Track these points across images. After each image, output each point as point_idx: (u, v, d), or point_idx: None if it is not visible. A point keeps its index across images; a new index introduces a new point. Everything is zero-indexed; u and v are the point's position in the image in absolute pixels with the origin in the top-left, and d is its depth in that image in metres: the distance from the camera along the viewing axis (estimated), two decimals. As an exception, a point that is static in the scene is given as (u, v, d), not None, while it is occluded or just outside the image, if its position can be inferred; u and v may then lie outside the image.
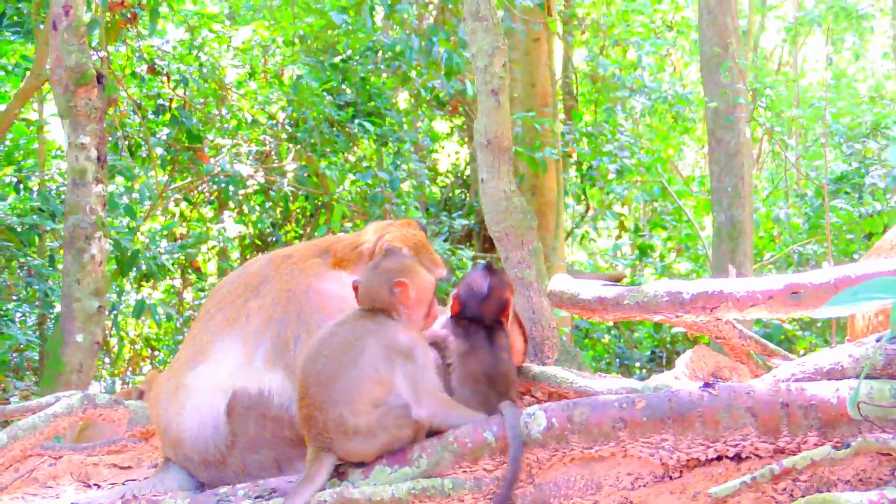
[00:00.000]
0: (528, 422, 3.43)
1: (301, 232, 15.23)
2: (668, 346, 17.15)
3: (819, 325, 15.20)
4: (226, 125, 14.25)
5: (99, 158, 9.33)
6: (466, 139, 17.80)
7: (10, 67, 14.38)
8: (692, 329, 4.74)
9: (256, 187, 14.06)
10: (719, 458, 3.31)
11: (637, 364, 17.31)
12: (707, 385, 3.35)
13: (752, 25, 19.04)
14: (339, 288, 4.20)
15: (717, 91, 10.93)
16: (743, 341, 4.92)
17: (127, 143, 13.28)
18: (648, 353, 17.42)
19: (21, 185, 13.20)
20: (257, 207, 14.84)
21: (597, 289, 4.53)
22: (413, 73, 14.20)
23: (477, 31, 6.03)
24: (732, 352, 5.01)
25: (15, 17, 12.61)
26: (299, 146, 13.71)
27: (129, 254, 11.48)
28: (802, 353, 15.23)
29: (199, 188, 14.58)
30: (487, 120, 5.89)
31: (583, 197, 18.96)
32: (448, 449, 3.49)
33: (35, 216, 11.76)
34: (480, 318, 4.12)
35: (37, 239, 12.75)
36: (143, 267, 12.11)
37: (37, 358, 12.90)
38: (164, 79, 13.33)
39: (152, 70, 13.20)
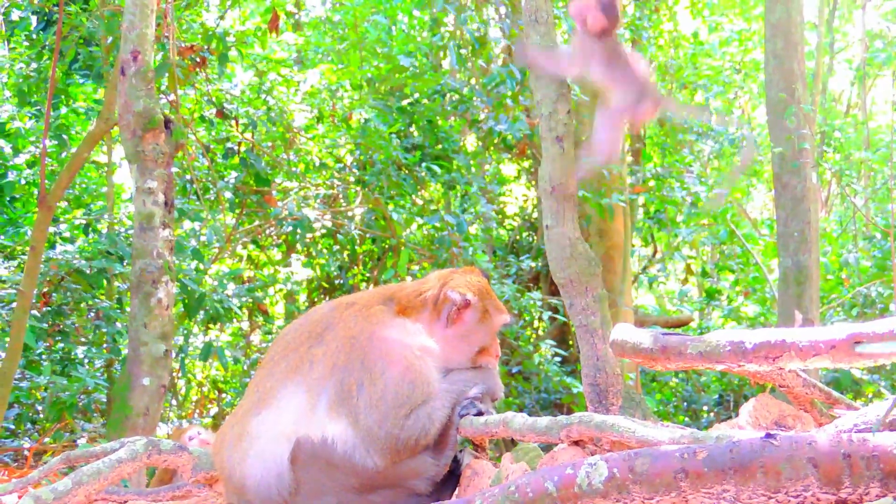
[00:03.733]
0: (590, 472, 3.42)
1: (368, 275, 15.31)
2: (736, 389, 17.02)
3: (888, 368, 15.02)
4: (293, 169, 14.35)
5: (166, 203, 9.41)
6: (534, 182, 17.83)
7: (81, 110, 14.60)
8: (756, 378, 4.72)
9: (324, 231, 14.15)
10: (781, 509, 3.29)
11: (705, 408, 17.19)
12: (769, 435, 3.33)
13: (819, 68, 18.93)
14: (403, 335, 4.23)
15: (783, 136, 10.88)
16: (807, 389, 4.88)
17: (195, 186, 13.41)
18: (716, 396, 17.30)
19: (90, 228, 13.37)
20: (325, 251, 14.93)
21: (659, 338, 4.52)
22: (481, 116, 14.27)
23: (542, 78, 6.04)
24: (796, 400, 4.97)
25: (86, 62, 12.79)
26: (366, 189, 13.78)
27: (196, 297, 11.57)
28: (870, 398, 15.07)
29: (267, 231, 14.69)
30: (552, 167, 5.91)
31: (650, 240, 18.92)
32: (509, 498, 3.49)
33: (104, 259, 11.87)
34: None
35: (105, 282, 12.89)
36: (210, 310, 12.19)
37: (104, 400, 13.00)
38: (233, 122, 13.46)
39: (221, 114, 13.33)
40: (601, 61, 5.13)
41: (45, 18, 12.82)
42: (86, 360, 13.11)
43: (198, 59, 12.21)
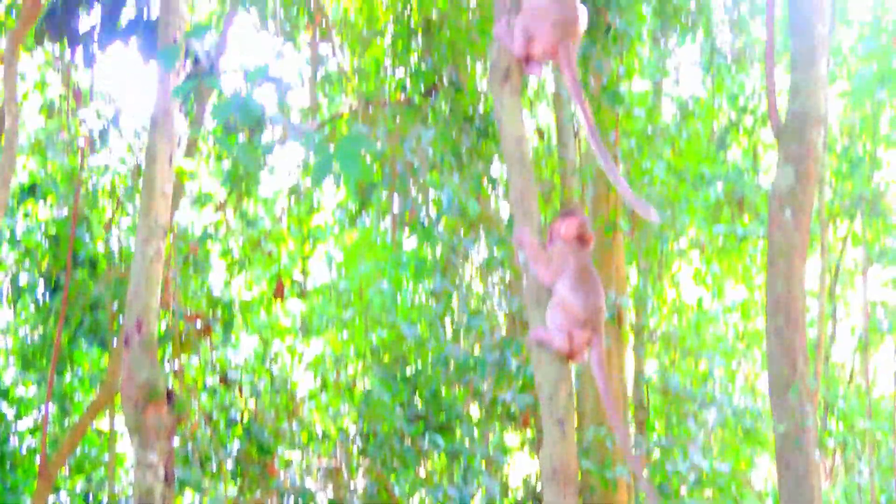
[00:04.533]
0: None
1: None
2: None
3: None
4: (296, 439, 14.28)
5: (166, 478, 9.28)
6: (536, 455, 17.68)
7: (85, 377, 14.63)
8: None
9: (326, 503, 13.97)
10: None
11: None
12: None
13: (822, 336, 19.01)
14: None
15: (786, 412, 10.80)
16: None
17: (197, 455, 13.31)
18: None
19: (91, 497, 13.24)
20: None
21: None
22: (484, 386, 14.25)
23: (543, 360, 6.03)
24: None
25: (91, 327, 12.89)
26: (369, 460, 13.66)
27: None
28: None
29: (268, 503, 14.50)
30: (553, 450, 5.84)
31: (655, 510, 18.64)
32: None
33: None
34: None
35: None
36: None
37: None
38: (237, 391, 13.46)
39: (225, 382, 13.34)
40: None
41: (53, 284, 12.98)
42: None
43: (202, 327, 12.28)
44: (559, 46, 5.36)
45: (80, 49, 8.57)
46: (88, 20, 8.61)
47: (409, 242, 15.59)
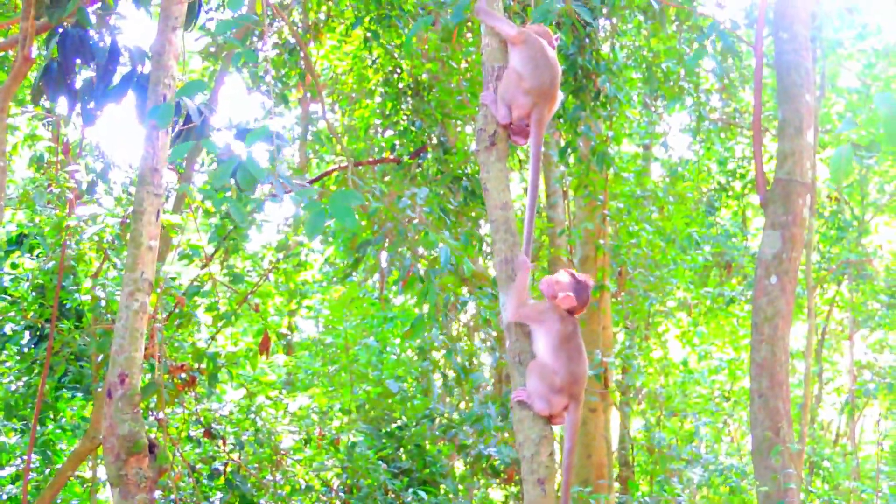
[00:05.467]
0: None
1: None
2: None
3: None
4: (279, 491, 14.22)
5: (148, 529, 9.27)
6: (521, 507, 17.66)
7: (68, 427, 14.58)
8: None
9: (309, 561, 13.92)
10: None
11: None
12: None
13: (808, 397, 19.01)
14: None
15: (769, 474, 10.83)
16: None
17: (180, 506, 13.26)
18: None
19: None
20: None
21: None
22: (469, 441, 14.23)
23: (525, 419, 6.04)
24: None
25: (75, 377, 12.88)
26: (352, 515, 13.62)
27: None
28: None
29: (250, 555, 14.43)
30: (534, 512, 5.86)
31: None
32: None
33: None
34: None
35: None
36: None
37: None
38: (221, 443, 13.41)
39: (209, 434, 13.30)
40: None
41: (38, 333, 12.98)
42: None
43: (187, 379, 12.25)
44: (532, 111, 5.48)
45: (78, 106, 8.61)
46: (82, 76, 8.66)
47: (397, 299, 15.64)
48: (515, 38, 5.55)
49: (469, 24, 11.30)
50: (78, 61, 8.38)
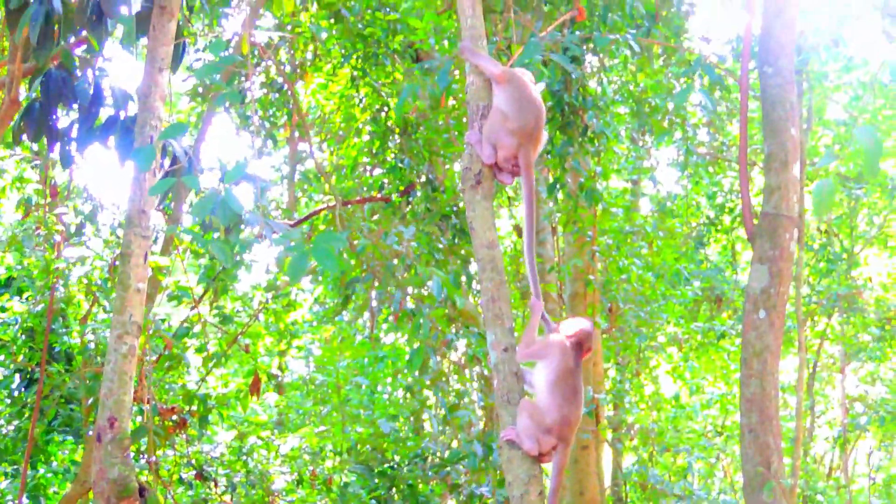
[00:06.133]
0: None
1: None
2: None
3: None
4: (271, 532, 14.16)
5: (139, 574, 9.21)
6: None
7: (58, 471, 14.52)
8: None
9: None
10: None
11: None
12: None
13: (800, 433, 18.98)
14: None
15: (761, 510, 10.79)
16: None
17: (171, 550, 13.19)
18: None
19: None
20: None
21: None
22: (461, 480, 14.18)
23: (513, 459, 6.02)
24: None
25: (66, 421, 12.84)
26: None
27: None
28: None
29: None
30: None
31: None
32: None
33: None
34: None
35: None
36: None
37: None
38: (212, 485, 13.35)
39: (200, 476, 13.24)
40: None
41: (28, 377, 12.95)
42: None
43: (178, 421, 12.21)
44: (519, 151, 5.48)
45: (57, 147, 8.60)
46: (67, 118, 8.65)
47: (387, 337, 15.62)
48: (500, 77, 5.56)
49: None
50: (60, 102, 8.37)
